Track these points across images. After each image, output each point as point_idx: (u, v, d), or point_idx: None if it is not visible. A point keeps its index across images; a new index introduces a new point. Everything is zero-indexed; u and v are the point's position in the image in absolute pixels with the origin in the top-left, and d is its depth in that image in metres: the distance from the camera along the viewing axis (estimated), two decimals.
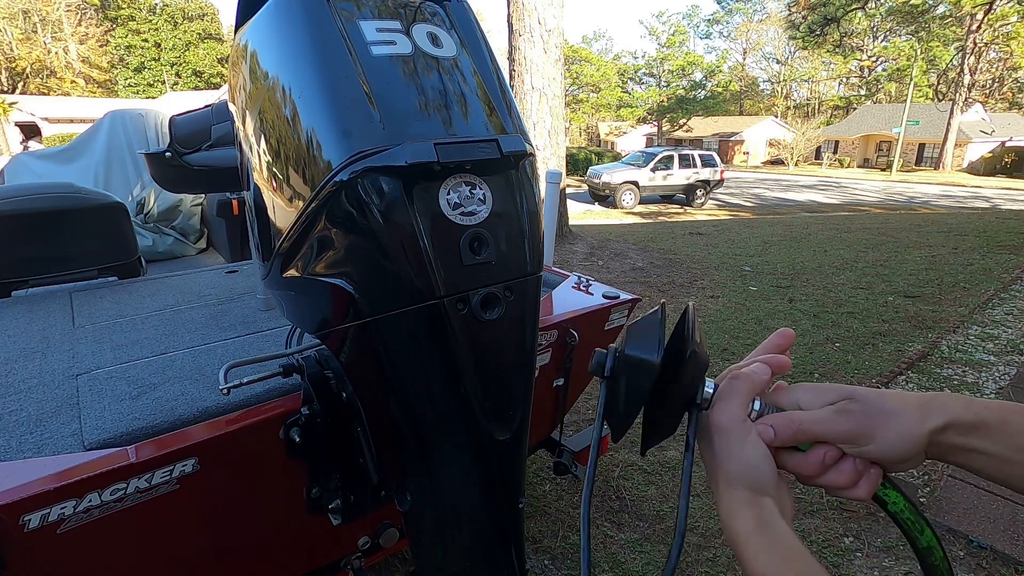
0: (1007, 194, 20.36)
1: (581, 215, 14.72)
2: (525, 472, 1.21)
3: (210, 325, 1.68)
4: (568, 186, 15.64)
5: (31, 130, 23.14)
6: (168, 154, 1.95)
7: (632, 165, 17.58)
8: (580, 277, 2.03)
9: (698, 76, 40.48)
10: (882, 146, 35.17)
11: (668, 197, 17.82)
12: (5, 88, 33.66)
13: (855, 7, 25.10)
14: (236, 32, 1.13)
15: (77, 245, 2.29)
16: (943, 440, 0.46)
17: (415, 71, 0.89)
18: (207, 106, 1.99)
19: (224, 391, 1.03)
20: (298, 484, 1.21)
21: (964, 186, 23.78)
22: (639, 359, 0.50)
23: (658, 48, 41.30)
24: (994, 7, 19.71)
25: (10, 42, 34.69)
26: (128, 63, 38.82)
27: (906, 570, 2.11)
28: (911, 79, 27.26)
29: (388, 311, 0.89)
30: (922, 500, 2.42)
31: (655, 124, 40.20)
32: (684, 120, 38.46)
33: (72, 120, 23.60)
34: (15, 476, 0.93)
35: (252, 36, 1.02)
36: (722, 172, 17.94)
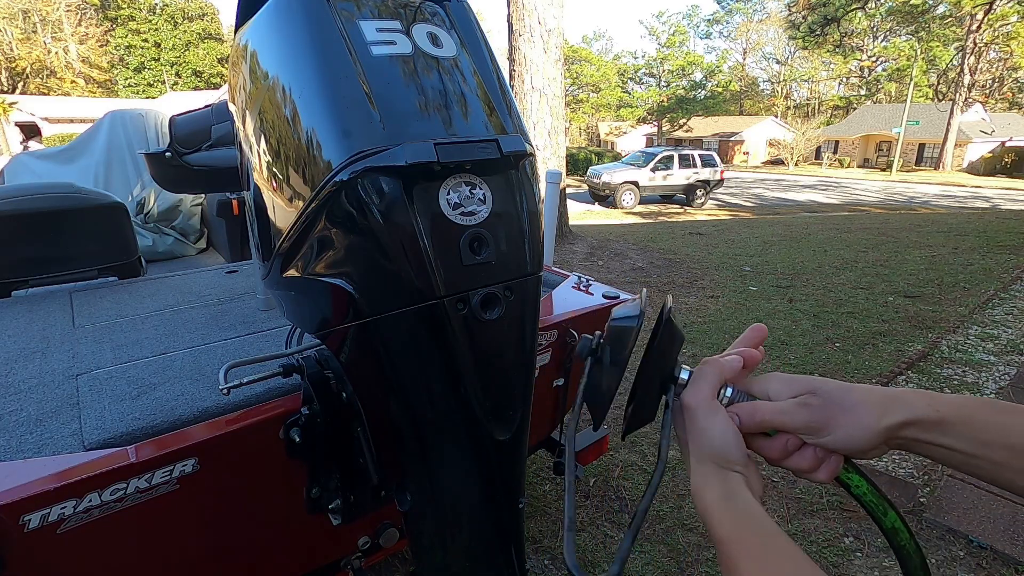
0: (1007, 194, 20.36)
1: (581, 215, 14.72)
2: (525, 472, 1.21)
3: (210, 325, 1.68)
4: (568, 186, 15.64)
5: (31, 130, 23.14)
6: (168, 154, 1.95)
7: (632, 165, 17.59)
8: (580, 277, 2.03)
9: (698, 76, 40.49)
10: (882, 146, 35.17)
11: (668, 197, 17.81)
12: (5, 88, 33.66)
13: (855, 7, 25.10)
14: (236, 32, 1.13)
15: (77, 245, 2.29)
16: (904, 435, 0.48)
17: (415, 71, 0.89)
18: (207, 106, 1.99)
19: (224, 391, 1.03)
20: (298, 484, 1.21)
21: (964, 186, 23.78)
22: (621, 325, 0.55)
23: (658, 48, 41.30)
24: (994, 7, 19.70)
25: (10, 42, 34.69)
26: (128, 63, 38.82)
27: None
28: (911, 79, 27.25)
29: (388, 311, 0.89)
30: (922, 500, 2.42)
31: (655, 124, 40.20)
32: (684, 120, 38.46)
33: (72, 120, 23.60)
34: (15, 476, 0.93)
35: (252, 36, 1.02)
36: (722, 172, 17.94)
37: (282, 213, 0.97)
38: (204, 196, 4.02)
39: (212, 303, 1.91)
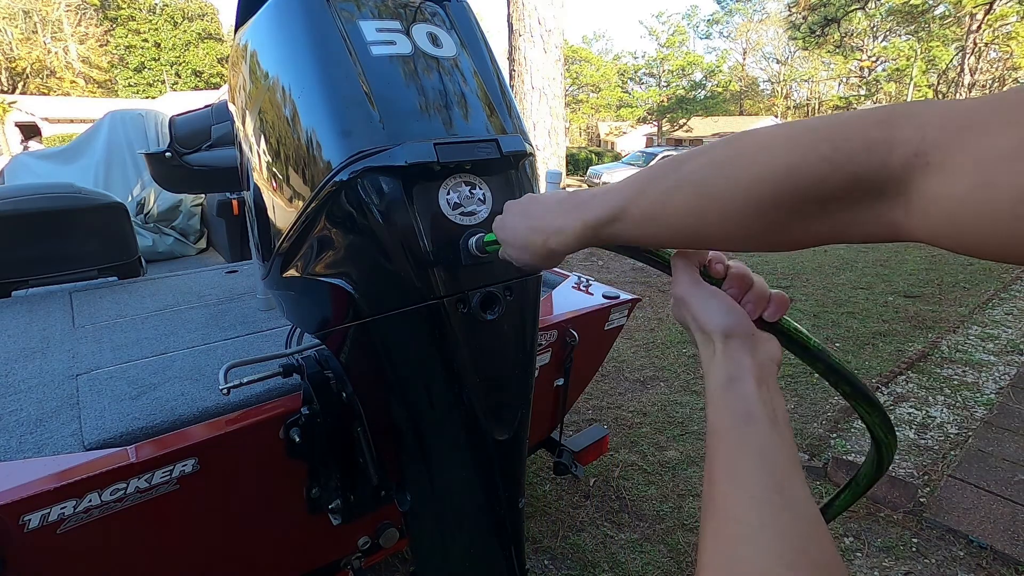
0: None
1: None
2: (525, 472, 1.21)
3: (210, 325, 1.68)
4: (568, 186, 15.62)
5: (31, 130, 23.12)
6: (168, 154, 1.95)
7: (632, 165, 17.62)
8: (580, 277, 2.03)
9: (698, 76, 40.45)
10: None
11: None
12: (5, 88, 33.64)
13: (855, 7, 25.10)
14: (236, 32, 1.13)
15: (77, 245, 2.29)
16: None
17: (415, 71, 0.89)
18: (207, 106, 1.99)
19: (224, 391, 1.03)
20: (298, 484, 1.21)
21: None
22: None
23: (658, 48, 41.26)
24: (994, 7, 19.70)
25: (10, 42, 34.68)
26: (128, 63, 38.80)
27: (906, 570, 2.11)
28: (911, 79, 27.24)
29: (388, 311, 0.89)
30: (922, 500, 2.42)
31: (655, 124, 40.17)
32: (684, 120, 38.43)
33: (72, 120, 23.58)
34: (15, 476, 0.93)
35: (252, 36, 1.02)
36: None
37: (282, 213, 0.97)
38: (204, 196, 4.02)
39: (212, 303, 1.91)
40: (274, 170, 0.97)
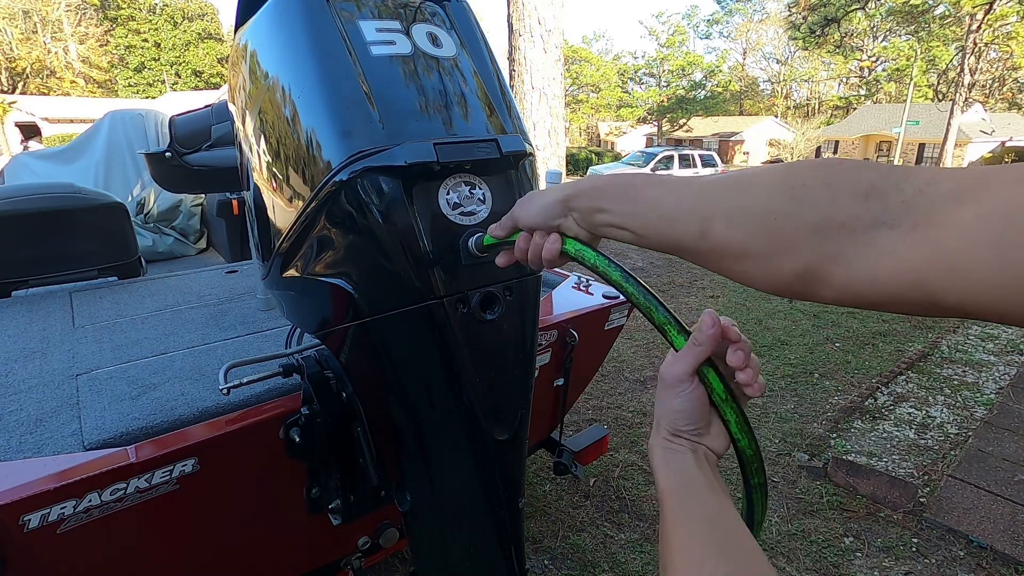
0: None
1: None
2: (525, 472, 1.21)
3: (210, 325, 1.68)
4: None
5: (31, 130, 23.11)
6: (168, 154, 1.95)
7: (632, 165, 17.59)
8: (580, 277, 2.03)
9: (698, 76, 40.45)
10: (882, 146, 35.17)
11: None
12: (5, 88, 33.63)
13: (855, 7, 25.09)
14: (236, 32, 1.13)
15: (77, 245, 2.29)
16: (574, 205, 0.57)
17: (415, 71, 0.89)
18: (207, 106, 1.99)
19: (224, 391, 1.03)
20: (298, 484, 1.21)
21: None
22: None
23: (658, 48, 41.26)
24: (994, 7, 19.69)
25: (10, 42, 34.68)
26: (128, 63, 38.80)
27: (906, 570, 2.11)
28: (911, 79, 27.23)
29: (388, 311, 0.89)
30: (922, 500, 2.42)
31: (655, 124, 40.17)
32: (684, 120, 38.44)
33: (72, 120, 23.57)
34: (15, 476, 0.93)
35: (252, 36, 1.02)
36: (722, 172, 17.90)
37: (282, 213, 0.97)
38: (204, 196, 4.02)
39: (212, 303, 1.91)
40: (274, 170, 0.97)
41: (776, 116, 44.32)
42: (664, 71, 40.98)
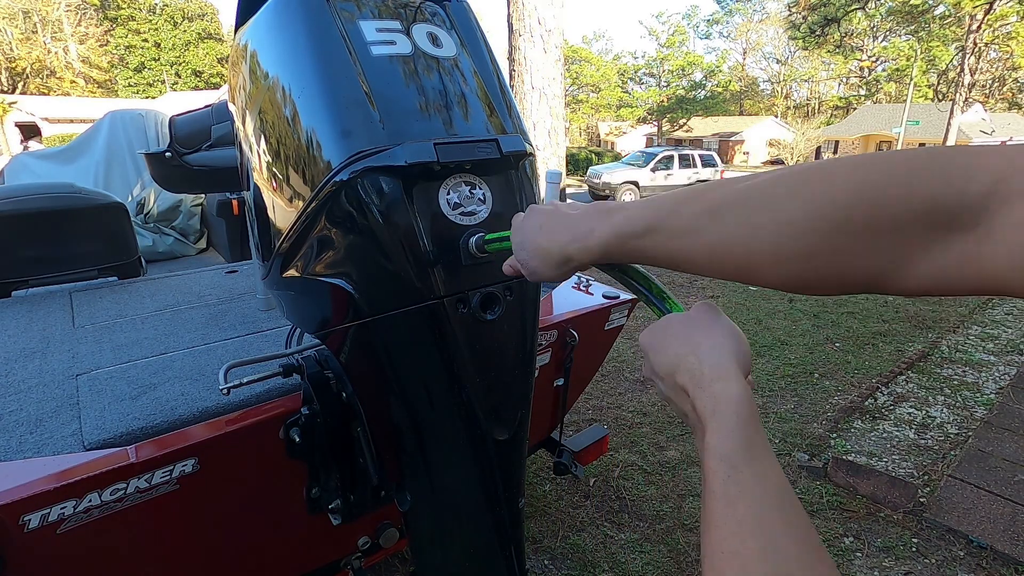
0: None
1: None
2: (525, 472, 1.21)
3: (210, 325, 1.68)
4: (568, 186, 15.63)
5: (31, 130, 23.11)
6: (168, 154, 1.95)
7: (632, 165, 17.57)
8: (580, 277, 2.03)
9: (698, 76, 40.45)
10: (882, 146, 35.15)
11: None
12: (5, 88, 33.62)
13: (855, 7, 25.08)
14: (236, 32, 1.13)
15: (77, 245, 2.29)
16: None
17: (415, 71, 0.89)
18: (207, 106, 1.99)
19: (224, 391, 1.03)
20: (298, 484, 1.21)
21: None
22: None
23: (658, 48, 41.26)
24: (994, 7, 19.68)
25: (10, 42, 34.68)
26: (128, 63, 38.80)
27: (906, 570, 2.11)
28: (911, 79, 27.24)
29: (388, 311, 0.89)
30: (922, 500, 2.42)
31: (655, 124, 40.17)
32: (684, 120, 38.44)
33: (72, 120, 23.56)
34: (15, 476, 0.93)
35: (252, 36, 1.02)
36: (722, 172, 17.94)
37: (282, 213, 0.97)
38: (204, 196, 4.02)
39: (212, 303, 1.91)
40: (274, 170, 0.97)
41: (776, 116, 44.33)
42: (664, 71, 40.98)
